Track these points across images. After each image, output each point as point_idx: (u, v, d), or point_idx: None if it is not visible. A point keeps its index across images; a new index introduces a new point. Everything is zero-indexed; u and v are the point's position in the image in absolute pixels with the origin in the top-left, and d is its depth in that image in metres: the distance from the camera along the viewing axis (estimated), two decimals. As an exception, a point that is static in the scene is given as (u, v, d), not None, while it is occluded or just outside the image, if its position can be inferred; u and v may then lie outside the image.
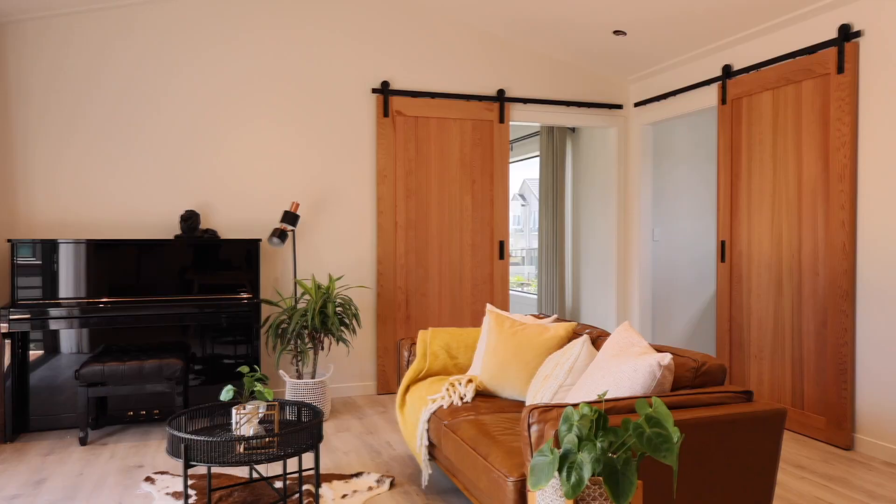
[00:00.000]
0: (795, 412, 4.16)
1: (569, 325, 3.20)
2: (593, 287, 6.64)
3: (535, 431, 2.12)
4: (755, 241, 4.52)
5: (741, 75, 4.61)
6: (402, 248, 5.21)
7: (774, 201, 4.35)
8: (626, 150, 5.99)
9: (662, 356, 2.32)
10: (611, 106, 5.84)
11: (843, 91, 3.84)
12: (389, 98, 5.17)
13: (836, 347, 3.88)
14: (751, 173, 4.55)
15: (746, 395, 2.32)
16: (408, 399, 3.39)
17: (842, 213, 3.86)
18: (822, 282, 4.00)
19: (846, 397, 3.83)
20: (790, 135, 4.22)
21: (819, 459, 3.67)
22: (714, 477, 2.11)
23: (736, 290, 4.68)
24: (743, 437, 2.16)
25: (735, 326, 4.68)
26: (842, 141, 3.86)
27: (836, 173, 3.89)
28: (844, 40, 3.84)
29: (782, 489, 3.24)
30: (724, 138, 4.78)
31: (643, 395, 2.30)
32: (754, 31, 4.45)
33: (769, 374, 4.38)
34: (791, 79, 4.19)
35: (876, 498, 3.13)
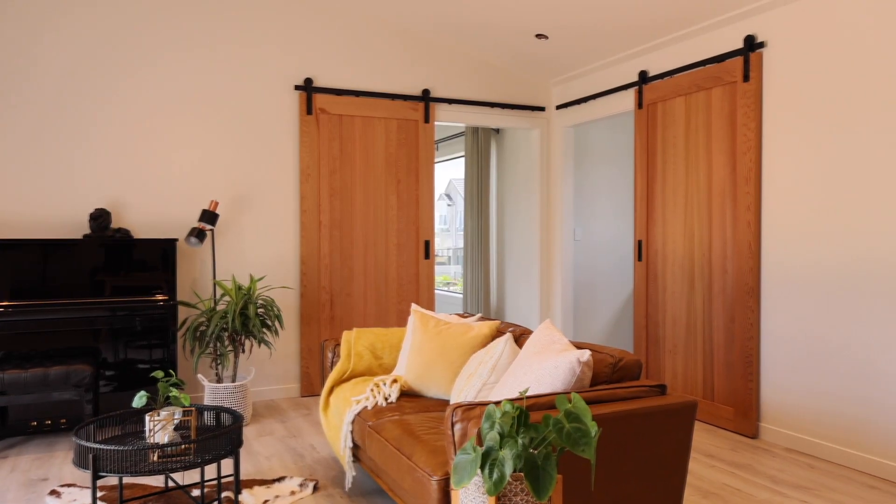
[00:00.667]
0: (706, 404, 4.37)
1: (492, 324, 3.24)
2: (517, 286, 6.76)
3: (458, 430, 2.13)
4: (670, 241, 4.71)
5: (656, 81, 4.80)
6: (326, 247, 5.14)
7: (687, 202, 4.55)
8: (549, 152, 6.12)
9: (582, 353, 2.38)
10: (534, 108, 5.96)
11: (749, 98, 4.05)
12: (313, 95, 5.08)
13: (743, 341, 4.10)
14: (665, 175, 4.74)
15: (660, 389, 2.42)
16: (332, 401, 3.35)
17: (748, 213, 4.08)
18: (730, 279, 4.21)
19: (752, 389, 4.04)
20: (701, 139, 4.42)
21: (727, 448, 3.87)
22: (630, 467, 2.19)
23: (652, 288, 4.86)
24: (657, 429, 2.24)
25: (651, 323, 4.87)
26: (748, 146, 4.07)
27: (743, 176, 4.11)
28: (749, 50, 4.06)
29: (693, 477, 3.39)
30: (640, 141, 4.96)
31: (564, 391, 2.35)
32: (668, 39, 4.64)
33: (682, 367, 4.58)
34: (702, 86, 4.39)
35: (778, 482, 3.33)
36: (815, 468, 3.52)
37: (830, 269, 3.64)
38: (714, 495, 3.16)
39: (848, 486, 3.28)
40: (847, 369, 3.55)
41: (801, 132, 3.79)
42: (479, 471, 1.76)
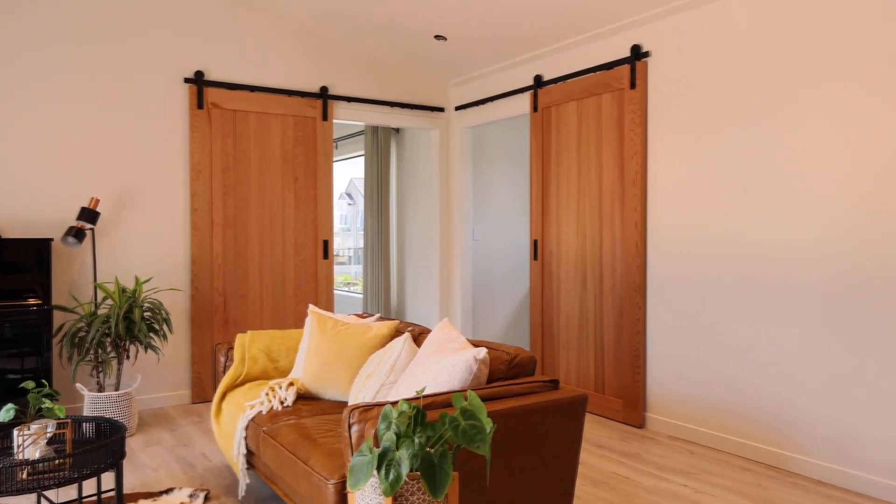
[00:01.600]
0: (597, 396, 4.56)
1: (391, 324, 3.23)
2: (417, 285, 6.78)
3: (355, 431, 2.11)
4: (563, 241, 4.87)
5: (551, 86, 4.95)
6: (219, 247, 4.95)
7: (580, 204, 4.73)
8: (448, 152, 6.18)
9: (478, 351, 2.41)
10: (433, 108, 5.99)
11: (635, 105, 4.26)
12: (204, 89, 4.87)
13: (631, 336, 4.31)
14: (559, 177, 4.90)
15: (553, 384, 2.49)
16: (224, 407, 3.22)
17: (635, 214, 4.29)
18: (619, 277, 4.41)
19: (639, 381, 4.26)
20: (592, 142, 4.61)
21: (617, 438, 4.05)
22: (525, 461, 2.24)
23: (547, 287, 5.01)
24: (550, 423, 2.31)
25: (546, 320, 5.02)
26: (634, 150, 4.28)
27: (630, 179, 4.32)
28: (636, 59, 4.27)
29: (585, 468, 3.52)
30: (535, 144, 5.10)
31: (461, 388, 2.38)
32: (561, 45, 4.80)
33: (576, 362, 4.75)
34: (592, 91, 4.57)
35: (662, 469, 3.52)
36: (695, 454, 3.75)
37: (708, 266, 3.89)
38: (604, 484, 3.30)
39: (724, 469, 3.52)
40: (723, 361, 3.81)
41: (682, 137, 4.03)
42: (375, 472, 1.75)
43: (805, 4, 3.40)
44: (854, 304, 3.22)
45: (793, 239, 3.47)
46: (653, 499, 3.12)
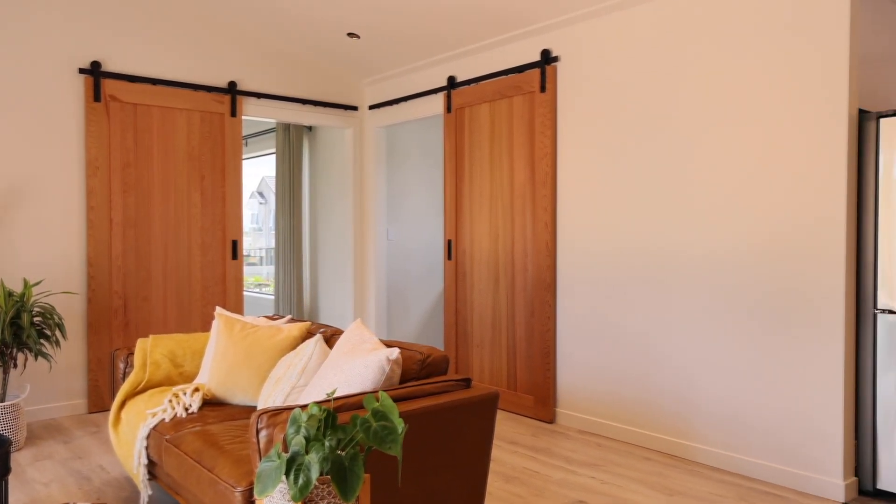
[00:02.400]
0: (510, 394, 4.64)
1: (303, 325, 3.16)
2: (331, 286, 6.69)
3: (263, 437, 2.05)
4: (477, 241, 4.93)
5: (464, 87, 5.00)
6: (118, 248, 4.69)
7: (492, 204, 4.80)
8: (362, 151, 6.13)
9: (391, 351, 2.40)
10: (346, 107, 5.92)
11: (545, 108, 4.37)
12: (101, 81, 4.61)
13: (542, 334, 4.41)
14: (472, 177, 4.96)
15: (465, 382, 2.51)
16: (123, 415, 3.06)
17: (545, 215, 4.40)
18: (530, 276, 4.51)
19: (550, 377, 4.37)
20: (504, 144, 4.69)
21: (529, 434, 4.14)
22: (437, 459, 2.25)
23: (461, 286, 5.06)
24: (462, 421, 2.33)
25: (460, 319, 5.06)
26: (544, 152, 4.39)
27: (541, 180, 4.42)
28: (546, 63, 4.37)
29: (497, 464, 3.58)
30: (449, 144, 5.14)
31: (373, 390, 2.36)
32: (474, 48, 4.86)
33: (489, 360, 4.82)
34: (504, 94, 4.65)
35: (571, 462, 3.62)
36: (602, 446, 3.89)
37: (615, 265, 4.04)
38: (515, 479, 3.36)
39: (629, 460, 3.66)
40: (629, 356, 3.97)
41: (590, 140, 4.17)
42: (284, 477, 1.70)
43: (702, 20, 3.59)
44: (747, 302, 3.43)
45: (693, 240, 3.66)
46: (562, 492, 3.20)
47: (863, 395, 3.18)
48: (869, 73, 3.38)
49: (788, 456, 3.27)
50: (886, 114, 3.09)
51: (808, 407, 3.20)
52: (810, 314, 3.19)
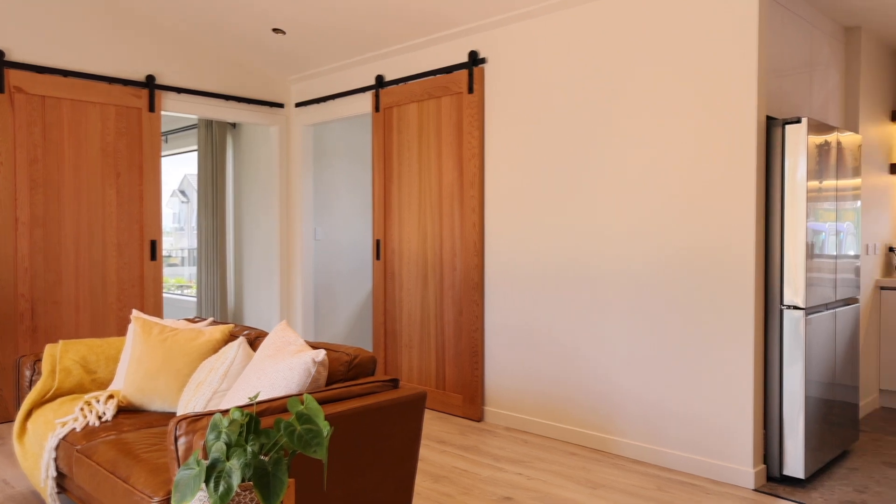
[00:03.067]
0: (439, 393, 4.65)
1: (225, 328, 3.07)
2: (257, 287, 6.53)
3: (182, 444, 1.98)
4: (406, 240, 4.92)
5: (392, 86, 4.98)
6: (25, 248, 4.43)
7: (421, 204, 4.80)
8: (288, 150, 6.01)
9: (317, 353, 2.36)
10: (272, 104, 5.80)
11: (473, 109, 4.41)
12: (5, 71, 4.34)
13: (470, 333, 4.44)
14: (401, 177, 4.94)
15: (393, 383, 2.50)
16: (30, 426, 2.89)
17: (473, 215, 4.43)
18: (458, 276, 4.54)
19: (478, 376, 4.41)
20: (432, 144, 4.70)
21: (457, 433, 4.16)
22: (365, 461, 2.23)
23: (389, 286, 5.04)
24: (390, 422, 2.32)
25: (389, 319, 5.04)
26: (472, 152, 4.42)
27: (469, 180, 4.46)
28: (473, 65, 4.41)
29: (426, 463, 3.58)
30: (377, 143, 5.11)
31: (298, 392, 2.31)
32: (402, 47, 4.84)
33: (418, 360, 4.82)
34: (433, 94, 4.66)
35: (499, 459, 3.67)
36: (528, 443, 3.95)
37: (540, 265, 4.12)
38: (444, 478, 3.37)
39: (554, 455, 3.74)
40: (555, 354, 4.05)
41: (516, 141, 4.23)
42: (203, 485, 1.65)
43: (623, 29, 3.70)
44: (664, 302, 3.56)
45: (613, 242, 3.77)
46: (490, 489, 3.24)
47: (771, 387, 3.36)
48: (777, 83, 3.57)
49: (703, 447, 3.42)
50: (791, 121, 3.27)
51: (721, 399, 3.35)
52: (723, 312, 3.35)
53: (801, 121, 3.24)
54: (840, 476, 3.40)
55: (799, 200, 3.25)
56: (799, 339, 3.27)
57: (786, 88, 3.68)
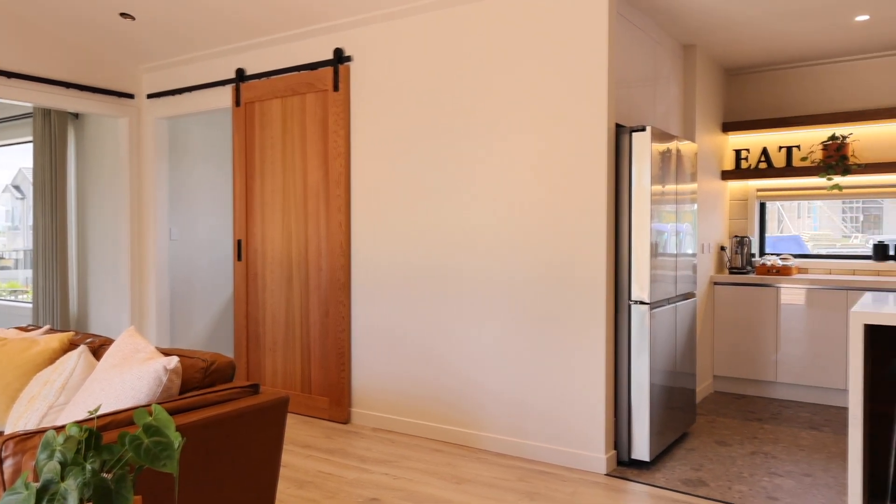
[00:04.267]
0: (304, 396, 4.55)
1: (64, 336, 2.81)
2: (104, 292, 6.05)
3: (9, 466, 1.78)
4: (269, 240, 4.76)
5: (254, 81, 4.80)
6: None
7: (285, 203, 4.67)
8: (140, 144, 5.62)
9: (169, 360, 2.22)
10: (120, 94, 5.40)
11: (339, 107, 4.35)
12: None
13: (336, 334, 4.38)
14: (264, 175, 4.78)
15: (253, 389, 2.41)
16: None
17: (339, 215, 4.37)
18: (324, 277, 4.46)
19: (344, 377, 4.35)
20: (297, 142, 4.58)
21: (323, 436, 4.09)
22: (223, 471, 2.13)
23: (252, 288, 4.85)
24: (250, 429, 2.23)
25: (252, 322, 4.86)
26: (338, 151, 4.36)
27: (334, 180, 4.39)
28: (339, 62, 4.35)
29: (290, 469, 3.49)
30: (238, 140, 4.90)
31: (148, 403, 2.17)
32: (265, 40, 4.68)
33: (282, 364, 4.68)
34: (297, 90, 4.55)
35: (365, 461, 3.64)
36: (395, 442, 3.96)
37: (406, 265, 4.14)
38: (309, 483, 3.30)
39: (421, 453, 3.77)
40: (420, 352, 4.09)
41: (383, 140, 4.23)
42: (33, 511, 1.49)
43: (486, 35, 3.81)
44: (524, 300, 3.70)
45: (478, 241, 3.87)
46: (356, 491, 3.21)
47: (620, 378, 3.60)
48: (625, 93, 3.83)
49: (561, 436, 3.59)
50: (637, 129, 3.52)
51: (577, 392, 3.54)
52: (577, 309, 3.54)
53: (646, 129, 3.50)
54: (680, 456, 3.70)
55: (644, 203, 3.51)
56: (644, 332, 3.52)
57: (632, 99, 3.95)
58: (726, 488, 3.24)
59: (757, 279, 4.97)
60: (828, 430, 4.20)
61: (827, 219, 5.46)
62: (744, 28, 4.35)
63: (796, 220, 5.58)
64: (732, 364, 5.09)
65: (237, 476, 2.19)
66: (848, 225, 5.37)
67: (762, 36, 4.52)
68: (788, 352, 4.87)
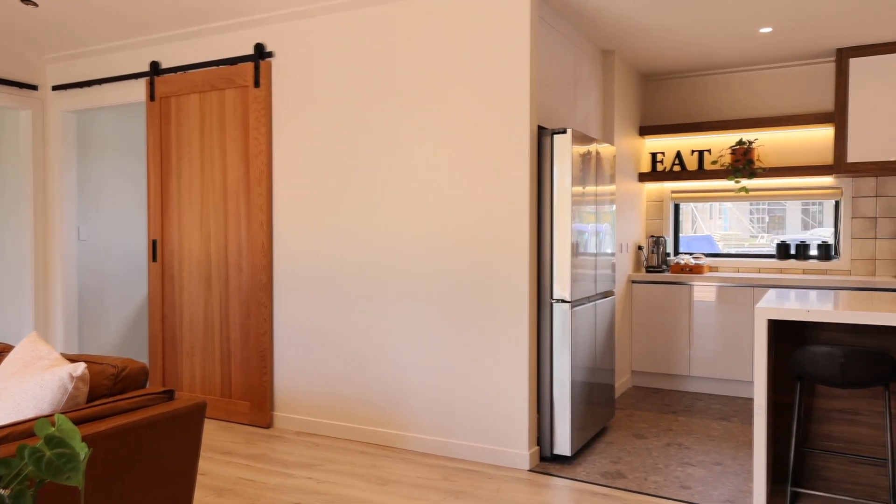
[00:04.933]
0: (224, 401, 4.41)
1: (-43, 343, 2.62)
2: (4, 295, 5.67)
3: None
4: (186, 240, 4.59)
5: (170, 74, 4.62)
6: None
7: (203, 201, 4.51)
8: (45, 139, 5.31)
9: (75, 366, 2.11)
10: (22, 85, 5.08)
11: (260, 104, 4.24)
12: None
13: (258, 336, 4.27)
14: (181, 173, 4.60)
15: (167, 395, 2.31)
16: None
17: (261, 214, 4.27)
18: (245, 277, 4.34)
19: (266, 381, 4.25)
20: (216, 139, 4.44)
21: (243, 442, 3.98)
22: (136, 482, 2.03)
23: (168, 289, 4.67)
24: (164, 436, 2.14)
25: (168, 325, 4.67)
26: (259, 149, 4.26)
27: (256, 178, 4.28)
28: (260, 58, 4.24)
29: (209, 477, 3.37)
30: (153, 135, 4.70)
31: (51, 413, 2.04)
32: (182, 33, 4.51)
33: (201, 368, 4.52)
34: (216, 85, 4.40)
35: (288, 465, 3.57)
36: (319, 446, 3.90)
37: (331, 265, 4.08)
38: (229, 491, 3.20)
39: (345, 455, 3.73)
40: (345, 354, 4.04)
41: (305, 138, 4.15)
42: (-82, 533, 1.38)
43: (411, 35, 3.80)
44: (449, 298, 3.72)
45: (403, 241, 3.86)
46: (278, 497, 3.13)
47: (543, 374, 3.67)
48: (547, 96, 3.91)
49: (486, 434, 3.63)
50: (558, 131, 3.60)
51: (502, 390, 3.59)
52: (501, 307, 3.58)
53: (567, 132, 3.58)
54: (599, 450, 3.81)
55: (566, 204, 3.59)
56: (566, 330, 3.60)
57: (554, 102, 4.04)
58: (643, 479, 3.36)
59: (671, 277, 5.18)
60: (736, 420, 4.43)
61: (736, 220, 5.75)
62: (658, 36, 4.52)
63: (709, 221, 5.85)
64: (649, 359, 5.29)
65: (150, 486, 2.10)
66: (755, 225, 5.68)
67: (676, 44, 4.71)
68: (701, 346, 5.10)
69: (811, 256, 5.20)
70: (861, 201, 5.01)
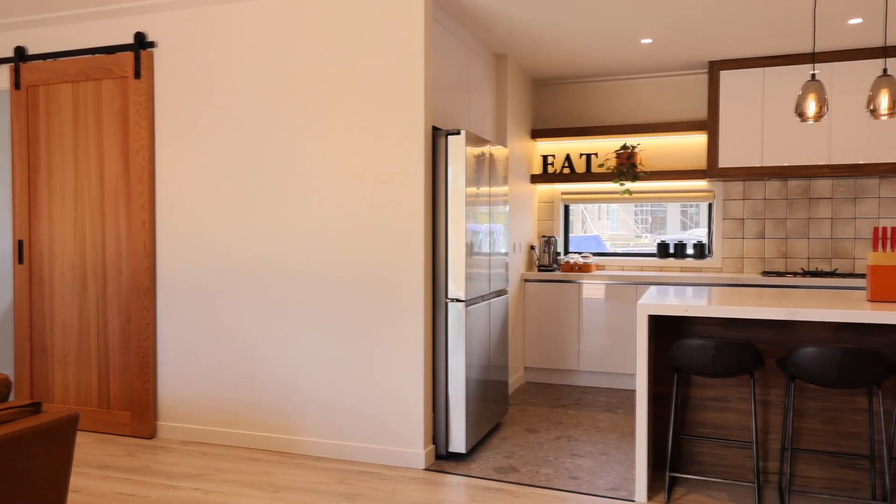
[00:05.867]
0: (102, 412, 4.13)
1: None
2: None
3: None
4: (58, 241, 4.27)
5: (38, 62, 4.28)
6: None
7: (77, 199, 4.21)
8: None
9: (-79, 380, 1.90)
10: None
11: (141, 96, 4.01)
12: None
13: (140, 342, 4.03)
14: (51, 168, 4.27)
15: (34, 407, 2.14)
16: None
17: (142, 213, 4.03)
18: (125, 280, 4.09)
19: (149, 389, 4.02)
20: (92, 132, 4.15)
21: (124, 454, 3.74)
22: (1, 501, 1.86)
23: (37, 294, 4.32)
24: (30, 453, 1.97)
25: (37, 333, 4.32)
26: (140, 144, 4.02)
27: (136, 175, 4.04)
28: (141, 48, 4.01)
29: (84, 494, 3.15)
30: (19, 127, 4.34)
31: None
32: (52, 17, 4.19)
33: (75, 378, 4.22)
34: (91, 75, 4.12)
35: (173, 477, 3.39)
36: (208, 455, 3.73)
37: (219, 266, 3.92)
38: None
39: (235, 464, 3.59)
40: (235, 358, 3.89)
41: (192, 133, 3.97)
42: None
43: (304, 29, 3.72)
44: (345, 300, 3.67)
45: (298, 241, 3.76)
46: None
47: (438, 373, 3.69)
48: (441, 97, 3.94)
49: (382, 435, 3.61)
50: (452, 132, 3.64)
51: (397, 390, 3.58)
52: (397, 307, 3.58)
53: (461, 133, 3.62)
54: (494, 446, 3.88)
55: (460, 204, 3.63)
56: (461, 329, 3.65)
57: (448, 103, 4.08)
58: (534, 472, 3.46)
59: (561, 276, 5.37)
60: (621, 411, 4.65)
61: (622, 220, 6.05)
62: (549, 43, 4.67)
63: (597, 222, 6.11)
64: (541, 355, 5.45)
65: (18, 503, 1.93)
66: (639, 226, 5.99)
67: (564, 51, 4.89)
68: (589, 342, 5.32)
69: (688, 255, 5.55)
70: (731, 204, 5.40)
